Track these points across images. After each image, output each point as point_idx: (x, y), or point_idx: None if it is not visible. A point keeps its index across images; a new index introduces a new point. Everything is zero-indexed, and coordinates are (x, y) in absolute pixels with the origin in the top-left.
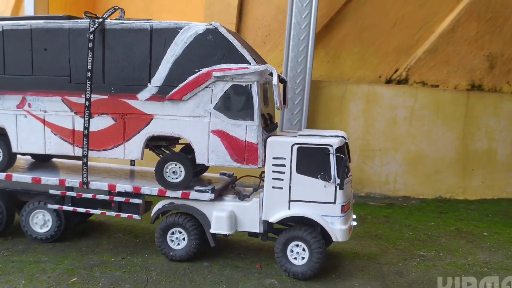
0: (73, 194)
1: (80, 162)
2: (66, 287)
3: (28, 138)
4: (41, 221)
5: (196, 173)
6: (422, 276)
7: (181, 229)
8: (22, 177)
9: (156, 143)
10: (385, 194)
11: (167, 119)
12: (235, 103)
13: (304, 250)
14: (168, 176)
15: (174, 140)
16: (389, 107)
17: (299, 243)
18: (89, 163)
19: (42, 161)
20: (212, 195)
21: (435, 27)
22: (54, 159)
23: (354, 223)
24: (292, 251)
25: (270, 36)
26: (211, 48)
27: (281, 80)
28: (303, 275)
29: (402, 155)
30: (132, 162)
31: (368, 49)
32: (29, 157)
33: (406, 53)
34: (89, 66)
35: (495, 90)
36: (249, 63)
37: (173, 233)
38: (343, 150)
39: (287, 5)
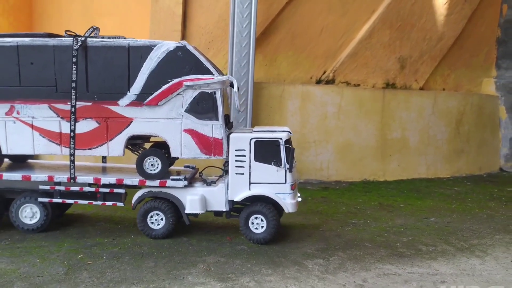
0: (62, 188)
1: (55, 162)
2: (76, 261)
3: (18, 141)
4: (29, 214)
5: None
6: (355, 236)
7: (158, 212)
8: (12, 176)
9: (132, 142)
10: (320, 180)
11: (146, 121)
12: (202, 106)
13: (262, 220)
14: (147, 168)
15: (147, 138)
16: (320, 104)
17: (258, 215)
18: (64, 162)
19: (19, 162)
20: (186, 182)
21: (354, 34)
22: (29, 160)
23: (299, 199)
24: (253, 223)
25: (213, 42)
26: (181, 62)
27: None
28: (264, 240)
29: (333, 146)
30: (104, 160)
31: (300, 54)
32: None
33: (332, 57)
34: (74, 78)
35: (406, 87)
36: (213, 74)
37: (151, 216)
38: (290, 142)
39: (228, 14)
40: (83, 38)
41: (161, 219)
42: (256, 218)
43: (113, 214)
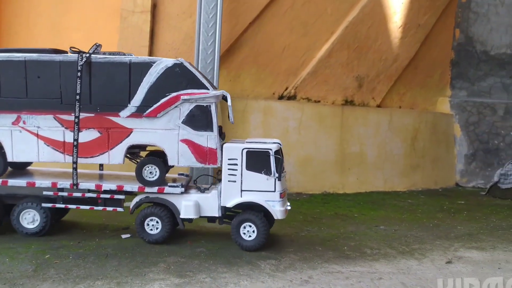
0: (65, 194)
1: (53, 169)
2: (44, 261)
3: (23, 149)
4: (30, 219)
5: None
6: (307, 241)
7: (156, 218)
8: (17, 182)
9: (130, 151)
10: None
11: (145, 132)
12: (198, 118)
13: (251, 227)
14: (146, 176)
15: (144, 148)
16: (282, 119)
17: (250, 224)
18: (62, 169)
19: (19, 169)
20: (183, 189)
21: (315, 53)
22: (28, 167)
23: (289, 207)
24: (244, 231)
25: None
26: (178, 77)
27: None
28: (253, 248)
29: (294, 159)
30: (101, 167)
31: (263, 70)
32: None
33: (293, 74)
34: (78, 91)
35: (364, 104)
36: (208, 89)
37: (147, 224)
38: (279, 152)
39: (194, 32)
40: (87, 55)
41: (157, 222)
42: (247, 226)
43: (79, 220)
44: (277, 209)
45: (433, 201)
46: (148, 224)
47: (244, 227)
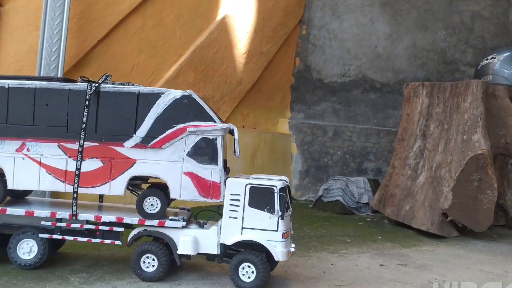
0: (63, 224)
1: (51, 199)
2: None
3: (24, 177)
4: (27, 249)
5: None
6: (127, 254)
7: (152, 255)
8: (15, 211)
9: (132, 182)
10: None
11: (148, 163)
12: (203, 151)
13: (250, 267)
14: (147, 208)
15: (146, 180)
16: None
17: (249, 264)
18: (62, 200)
19: (18, 198)
20: (184, 223)
21: (163, 73)
22: (27, 197)
23: (293, 249)
24: (243, 271)
25: (21, 71)
26: (186, 109)
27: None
28: None
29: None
30: (101, 199)
31: None
32: None
33: None
34: (84, 120)
35: None
36: (215, 122)
37: (144, 262)
38: (285, 190)
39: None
40: (97, 84)
41: (153, 260)
42: (246, 266)
43: None
44: (279, 250)
45: None
46: (144, 262)
47: (248, 266)
